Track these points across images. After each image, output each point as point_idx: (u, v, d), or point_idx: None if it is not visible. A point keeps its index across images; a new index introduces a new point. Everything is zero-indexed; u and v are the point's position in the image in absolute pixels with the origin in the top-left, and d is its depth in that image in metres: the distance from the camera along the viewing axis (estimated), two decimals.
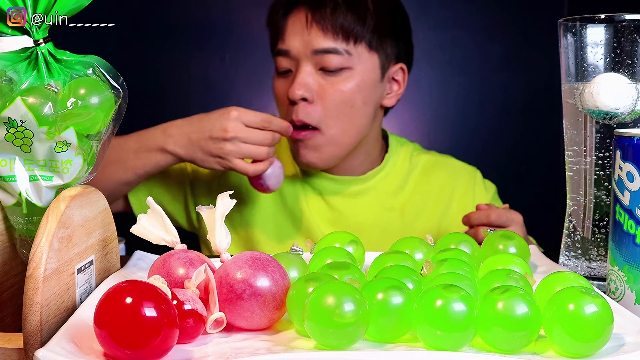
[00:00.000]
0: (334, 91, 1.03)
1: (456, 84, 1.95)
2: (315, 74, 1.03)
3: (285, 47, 1.04)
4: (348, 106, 1.04)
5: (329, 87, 1.03)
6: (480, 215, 0.93)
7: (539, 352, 0.48)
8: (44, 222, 0.49)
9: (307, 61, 1.03)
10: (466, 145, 1.93)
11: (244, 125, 0.97)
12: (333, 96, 1.03)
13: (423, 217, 1.15)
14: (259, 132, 0.97)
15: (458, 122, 1.96)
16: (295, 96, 1.01)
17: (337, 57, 1.02)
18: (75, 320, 0.48)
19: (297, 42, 1.03)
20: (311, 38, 1.02)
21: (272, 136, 0.98)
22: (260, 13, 2.01)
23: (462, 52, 1.94)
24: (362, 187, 1.14)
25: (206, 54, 1.95)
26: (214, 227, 0.54)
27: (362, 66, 1.04)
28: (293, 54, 1.03)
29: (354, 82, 1.04)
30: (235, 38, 1.95)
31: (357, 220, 1.13)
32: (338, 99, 1.03)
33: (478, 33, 1.94)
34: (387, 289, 0.49)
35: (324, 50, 1.02)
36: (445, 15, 1.93)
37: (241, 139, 0.96)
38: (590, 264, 0.70)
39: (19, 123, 0.52)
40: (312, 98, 1.02)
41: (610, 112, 0.67)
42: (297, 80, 1.02)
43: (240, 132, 0.96)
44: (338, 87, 1.03)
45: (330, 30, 1.02)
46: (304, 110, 1.02)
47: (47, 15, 0.53)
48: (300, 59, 1.03)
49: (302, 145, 1.05)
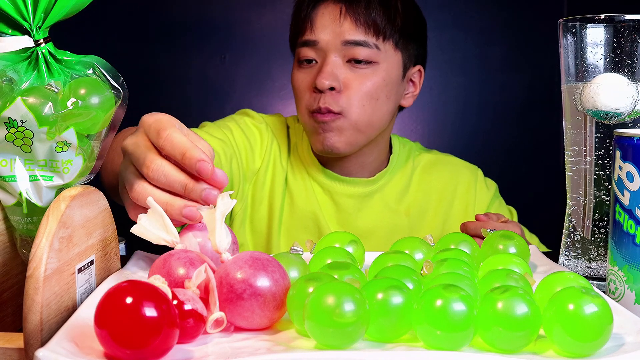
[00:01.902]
0: (360, 83, 1.05)
1: (456, 84, 1.96)
2: (343, 65, 1.05)
3: (314, 38, 1.05)
4: (373, 99, 1.06)
5: (355, 79, 1.05)
6: (476, 227, 0.93)
7: (539, 352, 0.48)
8: (44, 222, 0.49)
9: (336, 52, 1.05)
10: (466, 145, 1.93)
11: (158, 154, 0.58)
12: (359, 87, 1.05)
13: (427, 217, 1.16)
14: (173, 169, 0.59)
15: (458, 122, 1.96)
16: (324, 85, 1.03)
17: (367, 50, 1.04)
18: (75, 320, 0.48)
19: (328, 33, 1.05)
20: (343, 30, 1.04)
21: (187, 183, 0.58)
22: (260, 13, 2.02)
23: (462, 53, 1.94)
24: (370, 189, 1.15)
25: (206, 54, 1.95)
26: (214, 227, 0.54)
27: (388, 62, 1.07)
28: (321, 44, 1.05)
29: (380, 77, 1.06)
30: (235, 38, 1.95)
31: (364, 223, 1.14)
32: (364, 90, 1.05)
33: (478, 33, 1.94)
34: (387, 289, 0.49)
35: (355, 42, 1.04)
36: (445, 15, 1.93)
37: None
38: (590, 264, 0.70)
39: (19, 123, 0.52)
40: (340, 88, 1.04)
41: (610, 112, 0.67)
42: (325, 70, 1.04)
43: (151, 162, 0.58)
44: (365, 79, 1.05)
45: (363, 24, 1.04)
46: (330, 98, 1.04)
47: (47, 15, 0.54)
48: (329, 50, 1.05)
49: (327, 127, 1.06)
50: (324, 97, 1.04)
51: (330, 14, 1.06)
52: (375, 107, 1.07)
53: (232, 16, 1.95)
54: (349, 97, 1.04)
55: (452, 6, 1.93)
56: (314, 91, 1.05)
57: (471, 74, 1.95)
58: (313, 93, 1.05)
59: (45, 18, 0.54)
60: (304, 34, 1.07)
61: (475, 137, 1.95)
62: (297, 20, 1.10)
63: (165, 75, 1.95)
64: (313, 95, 1.05)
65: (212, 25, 1.94)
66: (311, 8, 1.08)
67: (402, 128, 1.96)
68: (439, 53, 1.92)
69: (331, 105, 1.04)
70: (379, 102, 1.07)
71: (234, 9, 1.95)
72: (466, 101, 1.95)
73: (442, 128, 1.95)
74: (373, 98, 1.06)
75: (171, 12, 1.94)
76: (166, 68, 1.95)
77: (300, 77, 1.08)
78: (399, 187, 1.17)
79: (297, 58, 1.09)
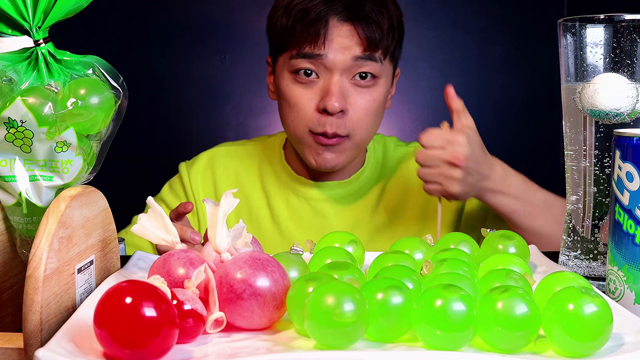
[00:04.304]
0: (365, 102, 1.04)
1: (456, 84, 1.95)
2: (347, 83, 1.03)
3: (321, 52, 1.01)
4: (375, 115, 1.06)
5: (360, 98, 1.04)
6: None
7: (539, 352, 0.48)
8: (44, 222, 0.49)
9: (343, 71, 1.02)
10: None
11: None
12: (365, 107, 1.04)
13: (407, 209, 1.15)
14: None
15: None
16: (335, 109, 1.01)
17: (375, 65, 1.03)
18: (75, 320, 0.48)
19: (336, 50, 1.01)
20: (353, 51, 1.01)
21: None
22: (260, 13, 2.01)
23: (462, 52, 1.94)
24: (346, 189, 1.15)
25: (206, 54, 1.95)
26: (216, 225, 0.54)
27: (385, 75, 1.07)
28: (328, 60, 1.01)
29: (380, 92, 1.06)
30: (235, 38, 1.95)
31: (345, 224, 1.14)
32: (369, 109, 1.04)
33: (478, 33, 1.94)
34: (386, 289, 0.49)
35: (363, 57, 1.02)
36: (445, 15, 1.93)
37: None
38: (590, 264, 0.70)
39: (19, 123, 0.52)
40: (347, 109, 1.03)
41: (610, 112, 0.67)
42: (334, 91, 1.01)
43: None
44: (368, 97, 1.04)
45: (375, 46, 1.02)
46: (338, 121, 1.02)
47: (47, 15, 0.54)
48: (335, 67, 1.01)
49: (330, 150, 1.05)
50: (332, 121, 1.01)
51: (340, 32, 1.01)
52: (376, 123, 1.08)
53: (232, 16, 1.95)
54: (355, 117, 1.03)
55: (452, 6, 1.93)
56: (320, 112, 1.02)
57: (471, 74, 1.95)
58: (318, 114, 1.02)
59: (45, 18, 0.54)
60: (306, 47, 1.02)
61: None
62: (291, 30, 1.03)
63: (165, 76, 1.95)
64: (317, 116, 1.02)
65: (212, 25, 1.94)
66: (319, 24, 1.01)
67: (402, 128, 1.96)
68: (439, 53, 1.92)
69: (339, 129, 1.02)
70: (379, 117, 1.08)
71: (234, 9, 1.95)
72: (466, 101, 1.95)
73: None
74: (375, 115, 1.06)
75: (171, 12, 1.94)
76: (166, 68, 1.95)
77: (299, 92, 1.04)
78: (375, 183, 1.16)
79: (291, 69, 1.04)
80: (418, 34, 1.91)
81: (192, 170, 1.18)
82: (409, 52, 1.93)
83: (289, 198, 1.15)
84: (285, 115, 1.07)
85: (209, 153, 1.20)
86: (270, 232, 1.15)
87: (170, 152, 1.83)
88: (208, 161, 1.18)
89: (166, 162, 1.30)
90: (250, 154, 1.19)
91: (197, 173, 1.17)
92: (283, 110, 1.07)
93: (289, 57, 1.04)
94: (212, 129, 1.95)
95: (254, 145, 1.21)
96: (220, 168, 1.18)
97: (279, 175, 1.16)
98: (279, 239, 1.14)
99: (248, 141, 1.23)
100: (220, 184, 1.17)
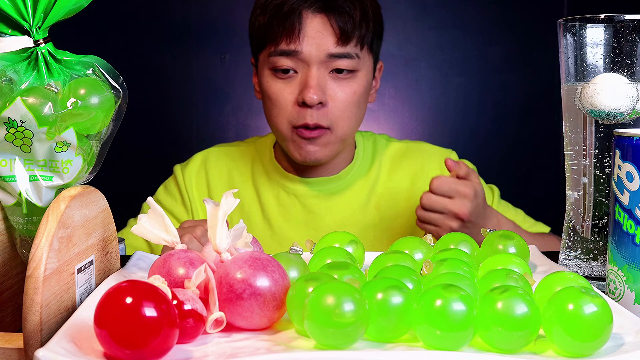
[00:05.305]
0: (345, 94, 1.05)
1: (456, 84, 1.95)
2: (326, 76, 1.05)
3: (297, 49, 1.03)
4: (356, 107, 1.07)
5: (340, 90, 1.05)
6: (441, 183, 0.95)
7: (539, 352, 0.48)
8: (44, 222, 0.49)
9: (319, 64, 1.04)
10: (466, 145, 1.93)
11: None
12: (344, 98, 1.05)
13: (399, 207, 1.16)
14: None
15: (458, 123, 1.96)
16: (313, 101, 1.02)
17: (350, 61, 1.05)
18: (75, 320, 0.48)
19: (311, 44, 1.03)
20: (327, 42, 1.03)
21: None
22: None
23: (462, 52, 1.94)
24: (335, 185, 1.16)
25: (206, 54, 1.95)
26: (216, 225, 0.54)
27: (365, 68, 1.08)
28: (304, 56, 1.03)
29: (360, 84, 1.07)
30: (235, 38, 1.95)
31: (334, 220, 1.14)
32: (349, 101, 1.06)
33: (478, 33, 1.94)
34: (386, 289, 0.49)
35: (339, 54, 1.04)
36: (445, 15, 1.93)
37: None
38: (590, 264, 0.70)
39: (19, 123, 0.52)
40: (326, 101, 1.04)
41: (610, 112, 0.67)
42: (311, 84, 1.03)
43: None
44: (348, 89, 1.06)
45: (346, 36, 1.04)
46: (318, 113, 1.04)
47: (47, 15, 0.54)
48: (312, 62, 1.04)
49: (313, 143, 1.06)
50: (311, 113, 1.03)
51: (313, 24, 1.04)
52: (358, 115, 1.09)
53: (232, 16, 1.95)
54: (335, 109, 1.05)
55: (452, 6, 1.93)
56: (299, 105, 1.04)
57: (471, 74, 1.95)
58: (297, 107, 1.04)
59: (45, 18, 0.54)
60: (282, 42, 1.04)
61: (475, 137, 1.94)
62: (268, 27, 1.06)
63: (165, 76, 1.95)
64: (297, 109, 1.04)
65: (212, 25, 1.94)
66: (294, 17, 1.04)
67: (402, 128, 1.96)
68: (439, 53, 1.92)
69: (320, 120, 1.04)
70: (361, 109, 1.09)
71: (234, 9, 1.95)
72: (466, 101, 1.95)
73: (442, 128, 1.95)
74: (356, 107, 1.07)
75: (171, 12, 1.94)
76: (166, 68, 1.95)
77: (279, 87, 1.06)
78: (365, 179, 1.17)
79: (270, 66, 1.06)
80: (418, 34, 1.91)
81: (187, 171, 1.20)
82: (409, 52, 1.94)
83: (279, 195, 1.16)
84: (268, 111, 1.09)
85: (203, 154, 1.22)
86: (260, 227, 1.16)
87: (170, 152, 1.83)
88: (202, 162, 1.20)
89: (166, 162, 1.30)
90: (243, 154, 1.21)
91: (192, 173, 1.19)
92: (266, 107, 1.10)
93: (268, 54, 1.06)
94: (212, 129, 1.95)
95: (246, 145, 1.23)
96: (214, 168, 1.20)
97: (269, 173, 1.17)
98: (269, 234, 1.16)
99: (241, 142, 1.26)
100: (213, 183, 1.19)
